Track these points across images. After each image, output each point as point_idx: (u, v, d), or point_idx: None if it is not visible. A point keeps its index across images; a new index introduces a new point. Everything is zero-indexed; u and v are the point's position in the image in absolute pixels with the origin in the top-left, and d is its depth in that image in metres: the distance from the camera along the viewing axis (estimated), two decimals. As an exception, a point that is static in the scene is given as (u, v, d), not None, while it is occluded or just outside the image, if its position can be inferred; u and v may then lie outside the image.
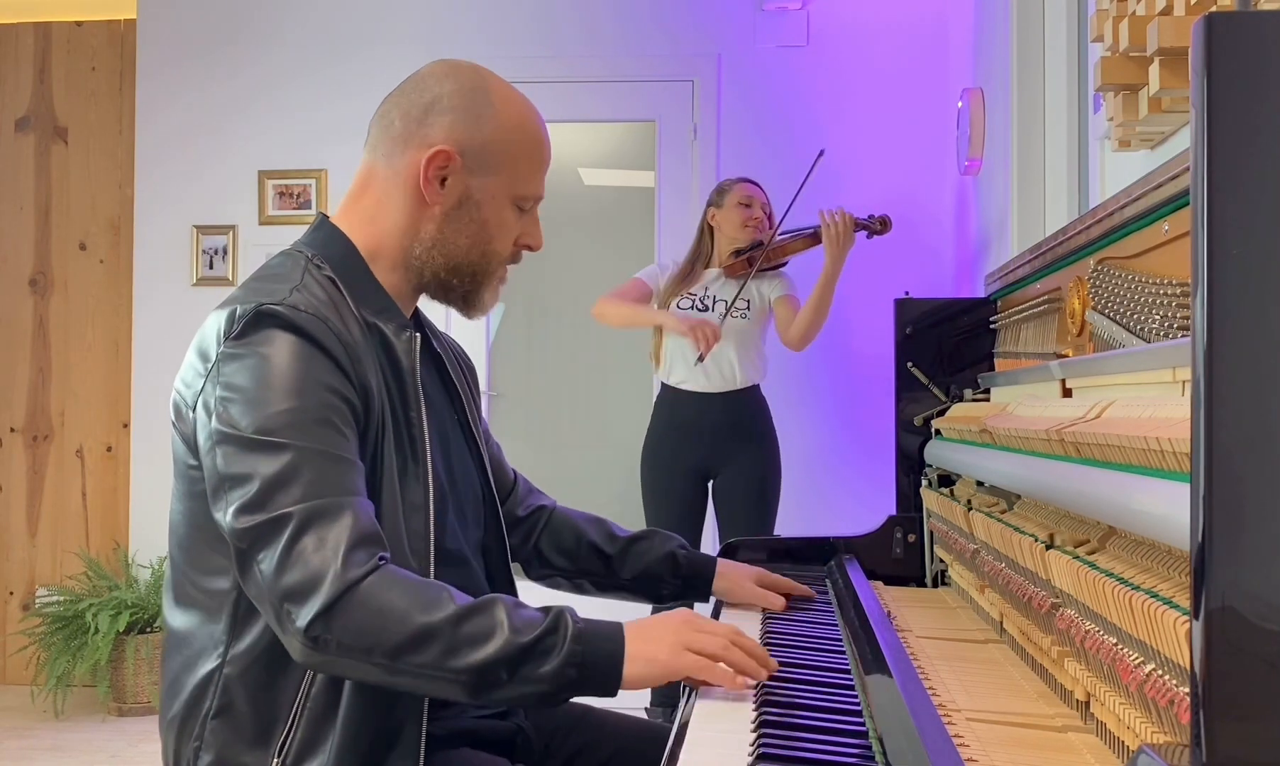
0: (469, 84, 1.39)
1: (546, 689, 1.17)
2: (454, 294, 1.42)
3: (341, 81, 4.32)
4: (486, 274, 1.42)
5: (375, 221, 1.39)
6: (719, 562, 1.70)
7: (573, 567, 1.67)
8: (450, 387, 1.51)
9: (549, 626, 1.18)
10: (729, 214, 3.50)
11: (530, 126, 1.41)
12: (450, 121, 1.36)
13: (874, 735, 1.08)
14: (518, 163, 1.39)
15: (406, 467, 1.32)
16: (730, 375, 3.42)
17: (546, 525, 1.68)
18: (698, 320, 3.34)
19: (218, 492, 1.21)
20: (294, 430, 1.20)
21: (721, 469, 3.44)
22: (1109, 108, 1.73)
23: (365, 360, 1.29)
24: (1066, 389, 1.55)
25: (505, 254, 1.42)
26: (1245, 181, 0.65)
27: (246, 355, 1.23)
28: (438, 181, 1.36)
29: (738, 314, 3.42)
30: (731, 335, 3.40)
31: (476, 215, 1.38)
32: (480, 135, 1.37)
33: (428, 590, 1.18)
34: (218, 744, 1.26)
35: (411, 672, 1.15)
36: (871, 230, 3.43)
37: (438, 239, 1.38)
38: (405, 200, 1.38)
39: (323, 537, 1.16)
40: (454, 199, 1.37)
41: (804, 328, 3.38)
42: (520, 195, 1.40)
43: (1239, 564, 0.65)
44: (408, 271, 1.40)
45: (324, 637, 1.14)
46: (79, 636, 4.05)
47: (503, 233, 1.40)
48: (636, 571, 1.66)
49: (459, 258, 1.39)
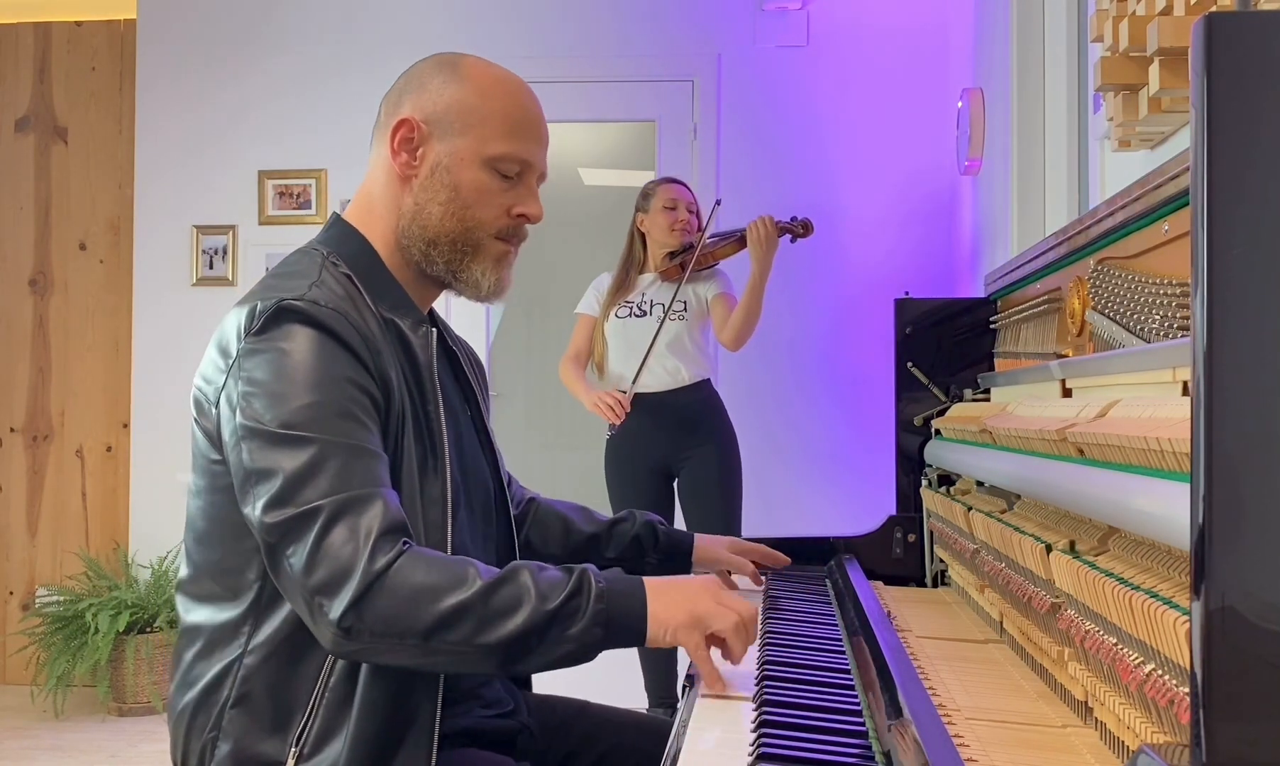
0: (440, 60, 1.42)
1: (574, 648, 1.20)
2: (439, 268, 1.40)
3: (341, 81, 4.32)
4: (471, 244, 1.39)
5: (372, 211, 1.42)
6: (696, 537, 1.76)
7: (561, 554, 1.69)
8: (465, 385, 1.52)
9: (574, 587, 1.20)
10: (655, 218, 3.54)
11: (501, 88, 1.40)
12: (417, 94, 1.39)
13: (873, 735, 1.08)
14: (485, 122, 1.37)
15: (426, 462, 1.33)
16: (676, 375, 3.48)
17: (534, 517, 1.72)
18: (598, 395, 3.47)
19: (244, 487, 1.22)
20: (318, 424, 1.21)
21: (681, 466, 3.50)
22: (1109, 108, 1.73)
23: (384, 354, 1.30)
24: (1066, 389, 1.55)
25: (490, 222, 1.39)
26: (1245, 181, 0.65)
27: (268, 350, 1.24)
28: (408, 153, 1.38)
29: (675, 316, 3.49)
30: (671, 337, 3.48)
31: (447, 180, 1.37)
32: (443, 99, 1.38)
33: (453, 567, 1.19)
34: (236, 733, 1.26)
35: (445, 651, 1.17)
36: (794, 233, 3.47)
37: (415, 211, 1.39)
38: (388, 181, 1.40)
39: (352, 529, 1.17)
40: (426, 168, 1.38)
41: (736, 329, 3.44)
42: (493, 156, 1.37)
43: (1239, 564, 0.65)
44: (405, 256, 1.41)
45: (356, 627, 1.15)
46: (79, 636, 4.05)
47: (481, 198, 1.38)
48: (620, 550, 1.70)
49: (435, 227, 1.38)
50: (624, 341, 3.51)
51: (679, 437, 3.47)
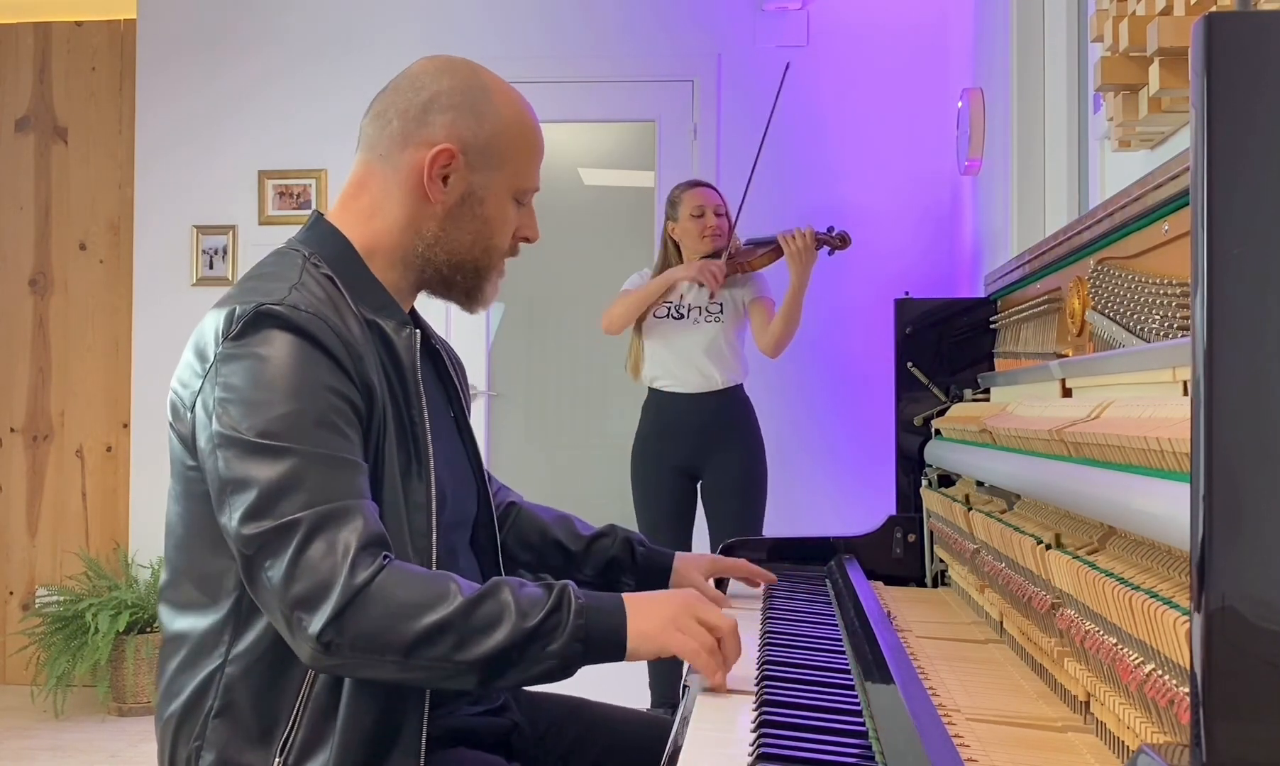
0: (466, 81, 1.39)
1: (554, 665, 1.20)
2: (456, 289, 1.43)
3: (341, 81, 4.31)
4: (488, 268, 1.43)
5: (373, 219, 1.39)
6: (676, 555, 1.73)
7: (536, 562, 1.69)
8: (449, 385, 1.51)
9: (553, 604, 1.20)
10: (685, 226, 3.55)
11: (527, 121, 1.42)
12: (451, 119, 1.36)
13: (873, 735, 1.08)
14: (518, 158, 1.40)
15: (410, 466, 1.32)
16: (709, 377, 3.48)
17: (514, 521, 1.70)
18: (702, 262, 3.44)
19: (221, 497, 1.20)
20: (296, 433, 1.19)
21: (707, 468, 3.49)
22: (1109, 108, 1.73)
23: (367, 358, 1.29)
24: (1066, 389, 1.55)
25: (505, 248, 1.43)
26: (1245, 181, 0.65)
27: (246, 356, 1.22)
28: (440, 179, 1.36)
29: (710, 319, 3.48)
30: (706, 339, 3.47)
31: (479, 211, 1.38)
32: (483, 132, 1.37)
33: (434, 583, 1.19)
34: (219, 743, 1.26)
35: (425, 667, 1.17)
36: (832, 245, 3.47)
37: (440, 236, 1.38)
38: (406, 198, 1.37)
39: (331, 543, 1.16)
40: (456, 196, 1.37)
41: (775, 337, 3.45)
42: (520, 189, 1.41)
43: (1239, 564, 0.65)
44: (408, 269, 1.40)
45: (336, 642, 1.14)
46: (79, 636, 4.05)
47: (504, 227, 1.42)
48: (598, 566, 1.69)
49: (462, 254, 1.39)
50: (661, 342, 3.52)
51: (704, 440, 3.47)
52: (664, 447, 3.50)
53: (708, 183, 3.65)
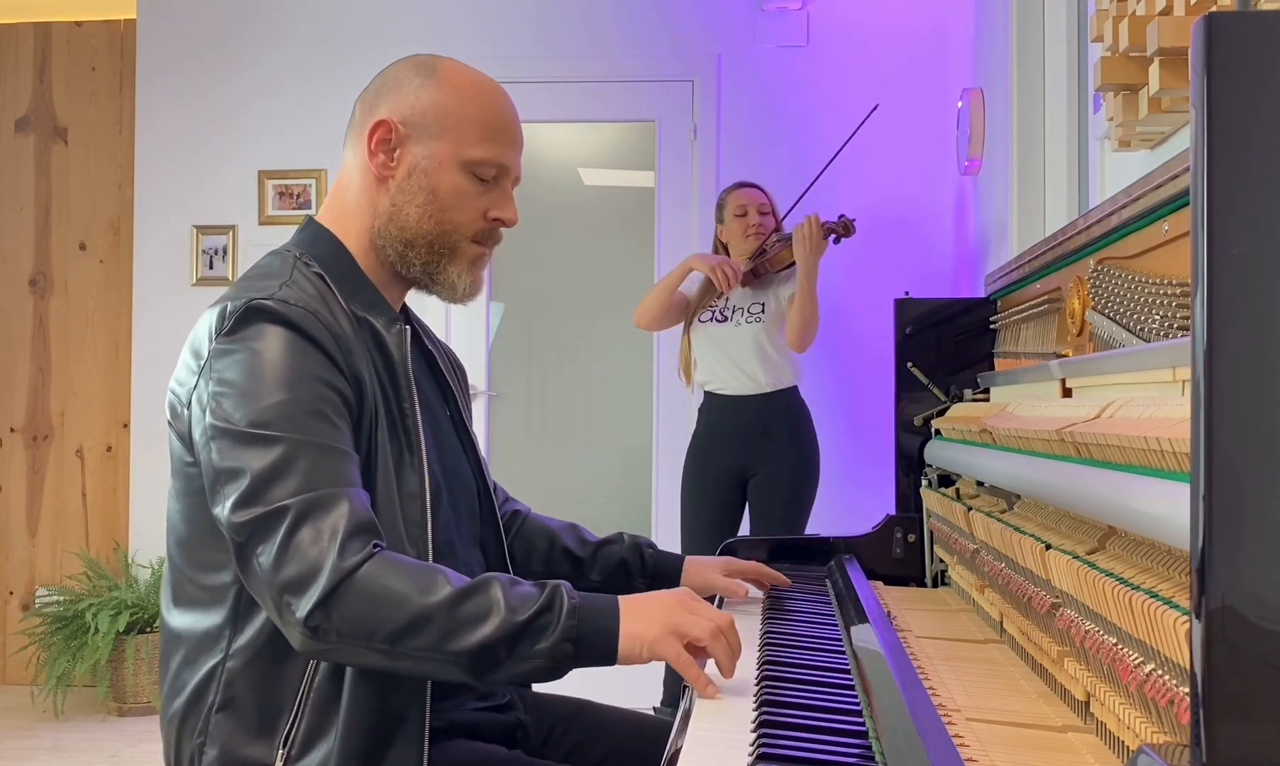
0: (420, 63, 1.42)
1: (544, 664, 1.19)
2: (415, 270, 1.41)
3: (341, 81, 4.31)
4: (448, 247, 1.40)
5: (346, 211, 1.42)
6: (687, 559, 1.72)
7: (544, 570, 1.68)
8: (444, 385, 1.52)
9: (544, 603, 1.19)
10: (731, 227, 3.58)
11: (477, 92, 1.41)
12: (394, 96, 1.39)
13: (873, 735, 1.08)
14: (463, 126, 1.38)
15: (402, 458, 1.33)
16: (755, 378, 3.47)
17: (520, 530, 1.70)
18: (717, 258, 3.47)
19: (214, 487, 1.22)
20: (287, 422, 1.21)
21: (758, 470, 3.48)
22: (1109, 108, 1.73)
23: (356, 352, 1.30)
24: (1066, 389, 1.55)
25: (466, 225, 1.40)
26: (1245, 181, 0.65)
27: (238, 350, 1.24)
28: (385, 154, 1.38)
29: (752, 319, 3.49)
30: (749, 340, 3.47)
31: (424, 182, 1.38)
32: (421, 102, 1.38)
33: (424, 573, 1.19)
34: (222, 737, 1.27)
35: (411, 656, 1.17)
36: (836, 233, 3.46)
37: (392, 212, 1.39)
38: (364, 182, 1.40)
39: (319, 528, 1.17)
40: (404, 170, 1.38)
41: (795, 330, 3.45)
42: (470, 160, 1.39)
43: (1239, 564, 0.65)
44: (379, 257, 1.41)
45: (323, 627, 1.15)
46: (79, 636, 4.05)
47: (458, 201, 1.39)
48: (606, 572, 1.68)
49: (412, 228, 1.39)
50: (709, 346, 3.52)
51: (753, 444, 3.46)
52: (715, 449, 3.51)
53: (752, 182, 3.65)
